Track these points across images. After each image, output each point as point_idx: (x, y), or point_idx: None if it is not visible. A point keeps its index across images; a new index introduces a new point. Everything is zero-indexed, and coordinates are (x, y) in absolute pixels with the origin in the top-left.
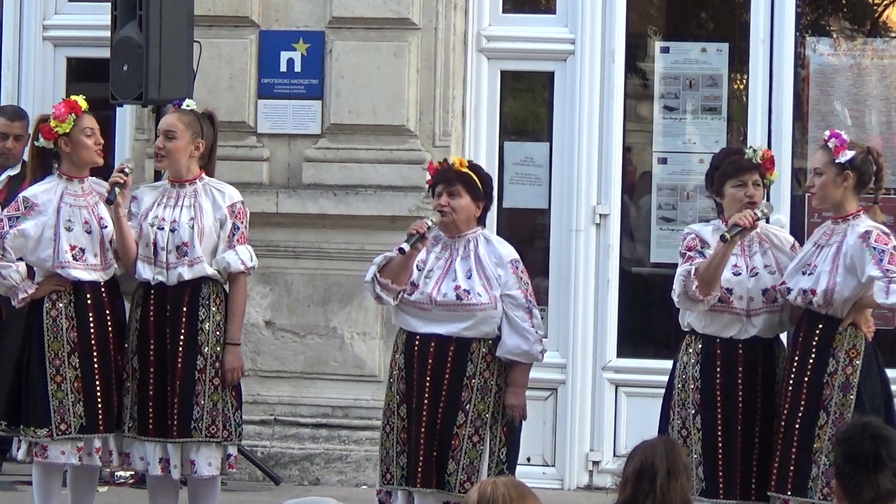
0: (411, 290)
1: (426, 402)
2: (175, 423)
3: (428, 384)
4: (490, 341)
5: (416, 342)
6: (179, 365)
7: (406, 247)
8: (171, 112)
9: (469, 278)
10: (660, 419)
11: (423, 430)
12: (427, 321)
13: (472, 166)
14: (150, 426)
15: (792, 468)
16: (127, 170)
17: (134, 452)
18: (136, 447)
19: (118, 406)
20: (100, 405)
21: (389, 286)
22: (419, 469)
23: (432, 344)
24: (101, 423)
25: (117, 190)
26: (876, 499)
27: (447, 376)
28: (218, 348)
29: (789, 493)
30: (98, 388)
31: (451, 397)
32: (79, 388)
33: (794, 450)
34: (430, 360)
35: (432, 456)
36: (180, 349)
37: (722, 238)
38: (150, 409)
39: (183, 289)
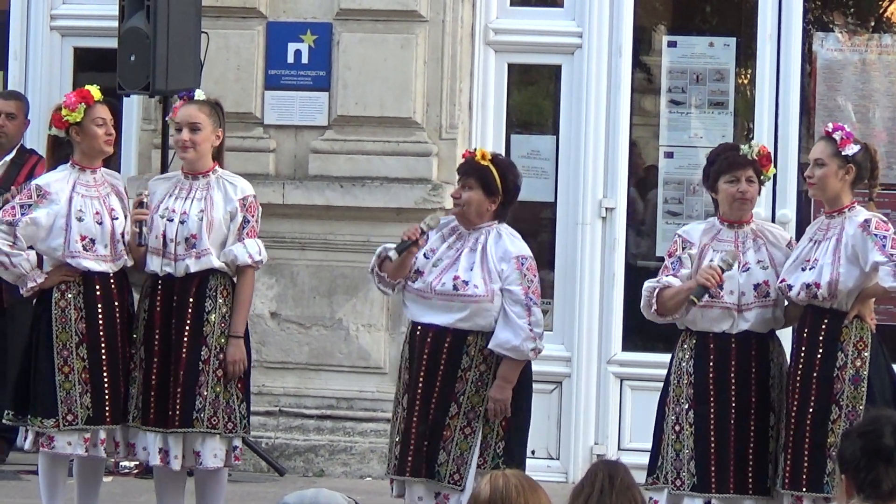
0: (416, 277)
1: (419, 391)
2: (178, 413)
3: (422, 374)
4: (487, 335)
5: (418, 332)
6: (184, 355)
7: (394, 255)
8: (187, 104)
9: (470, 270)
10: (656, 416)
11: (415, 419)
12: (427, 310)
13: (496, 160)
14: (151, 416)
15: (806, 464)
16: (145, 201)
17: (138, 443)
18: (139, 437)
19: (125, 397)
20: (107, 397)
21: (385, 279)
22: (409, 458)
23: (430, 334)
24: (107, 414)
25: (144, 228)
26: (893, 491)
27: (441, 367)
28: (223, 340)
29: (804, 489)
30: (105, 380)
31: (444, 388)
32: (86, 380)
33: (806, 446)
34: (426, 351)
35: (423, 446)
36: (185, 340)
37: (690, 302)
38: (152, 399)
39: (190, 280)
